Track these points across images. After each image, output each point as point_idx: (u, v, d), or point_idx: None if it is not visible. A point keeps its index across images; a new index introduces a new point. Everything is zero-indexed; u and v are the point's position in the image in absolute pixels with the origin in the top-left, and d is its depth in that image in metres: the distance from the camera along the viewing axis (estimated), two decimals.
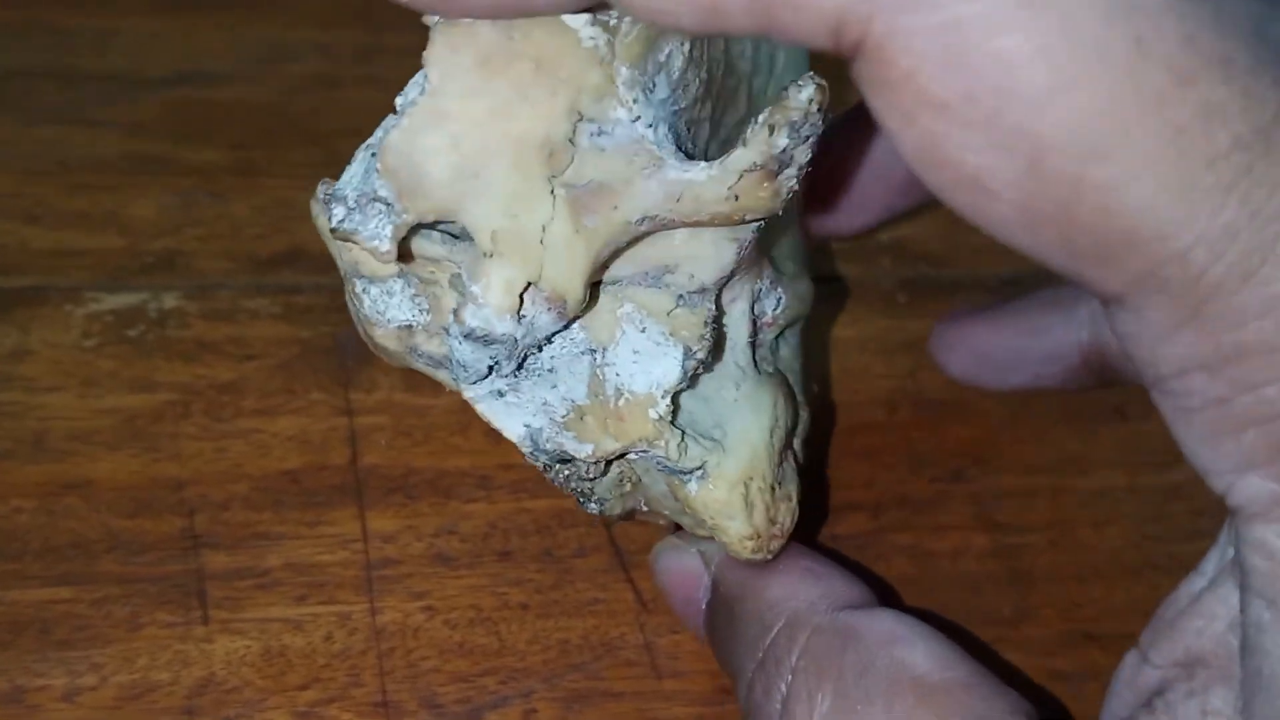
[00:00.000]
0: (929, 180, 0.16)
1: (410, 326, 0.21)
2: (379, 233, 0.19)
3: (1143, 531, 0.28)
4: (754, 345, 0.23)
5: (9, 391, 0.26)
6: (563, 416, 0.21)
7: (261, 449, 0.27)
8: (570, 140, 0.18)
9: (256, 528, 0.25)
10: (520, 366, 0.21)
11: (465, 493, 0.26)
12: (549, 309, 0.20)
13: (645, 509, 0.24)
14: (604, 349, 0.21)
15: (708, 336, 0.21)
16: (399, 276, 0.20)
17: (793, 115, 0.19)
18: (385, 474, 0.27)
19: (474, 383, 0.21)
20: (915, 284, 0.32)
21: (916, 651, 0.19)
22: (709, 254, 0.21)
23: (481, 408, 0.21)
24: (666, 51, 0.19)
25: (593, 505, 0.23)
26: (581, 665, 0.24)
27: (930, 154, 0.15)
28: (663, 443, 0.21)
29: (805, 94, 0.19)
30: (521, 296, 0.19)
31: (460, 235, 0.20)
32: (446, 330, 0.20)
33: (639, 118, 0.18)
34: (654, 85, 0.19)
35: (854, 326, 0.31)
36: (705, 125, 0.21)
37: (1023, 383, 0.29)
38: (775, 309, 0.24)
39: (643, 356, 0.21)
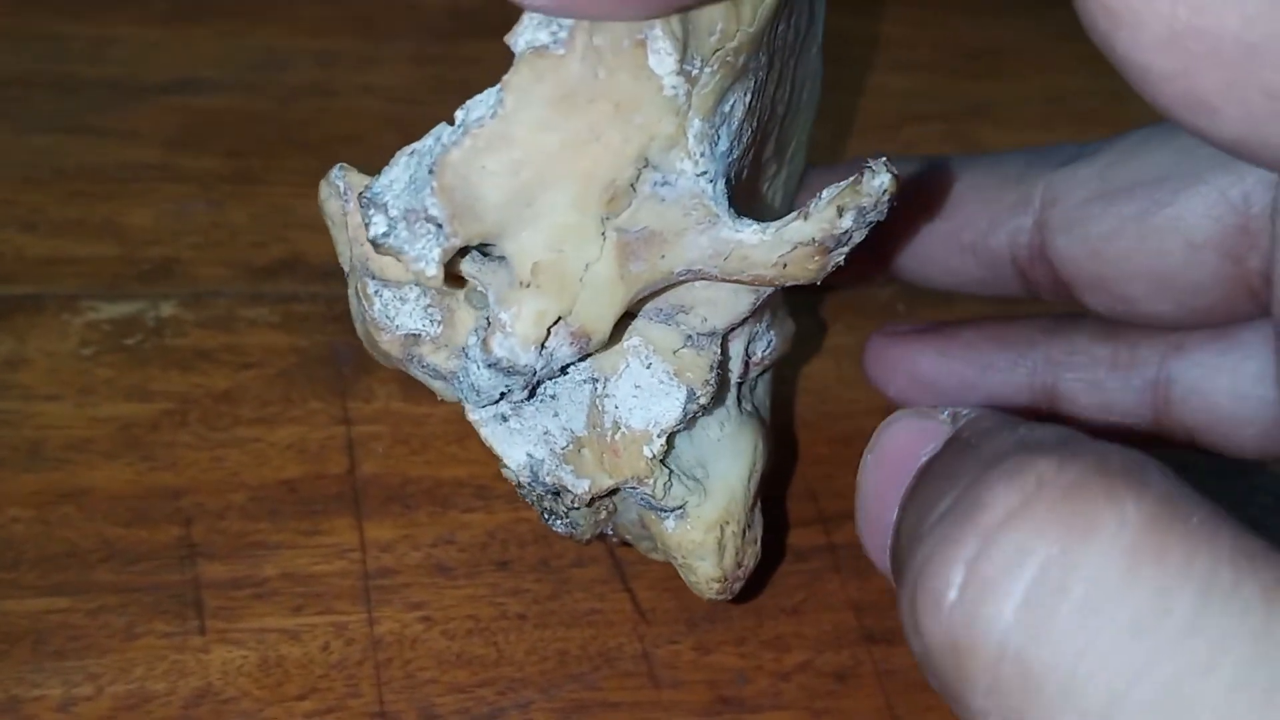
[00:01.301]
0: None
1: (418, 336, 0.20)
2: (426, 254, 0.18)
3: None
4: (739, 385, 0.23)
5: (5, 400, 0.26)
6: (563, 448, 0.21)
7: (258, 458, 0.26)
8: (632, 186, 0.18)
9: (253, 537, 0.25)
10: (531, 395, 0.21)
11: (463, 502, 0.26)
12: (572, 343, 0.19)
13: (610, 532, 0.24)
14: (606, 379, 0.21)
15: (712, 381, 0.21)
16: (415, 284, 0.20)
17: (863, 201, 0.18)
18: (383, 483, 0.26)
19: (482, 406, 0.21)
20: (913, 292, 0.32)
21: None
22: (726, 300, 0.21)
23: (484, 431, 0.21)
24: (731, 102, 0.19)
25: (560, 525, 0.22)
26: (579, 676, 0.24)
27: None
28: (651, 481, 0.21)
29: (879, 182, 0.18)
30: (549, 329, 0.19)
31: (491, 255, 0.19)
32: (465, 351, 0.20)
33: (704, 172, 0.18)
34: (718, 138, 0.18)
35: (851, 334, 0.31)
36: (746, 168, 0.20)
37: None
38: (765, 350, 0.23)
39: (644, 392, 0.21)
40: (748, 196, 0.22)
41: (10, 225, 0.30)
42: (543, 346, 0.19)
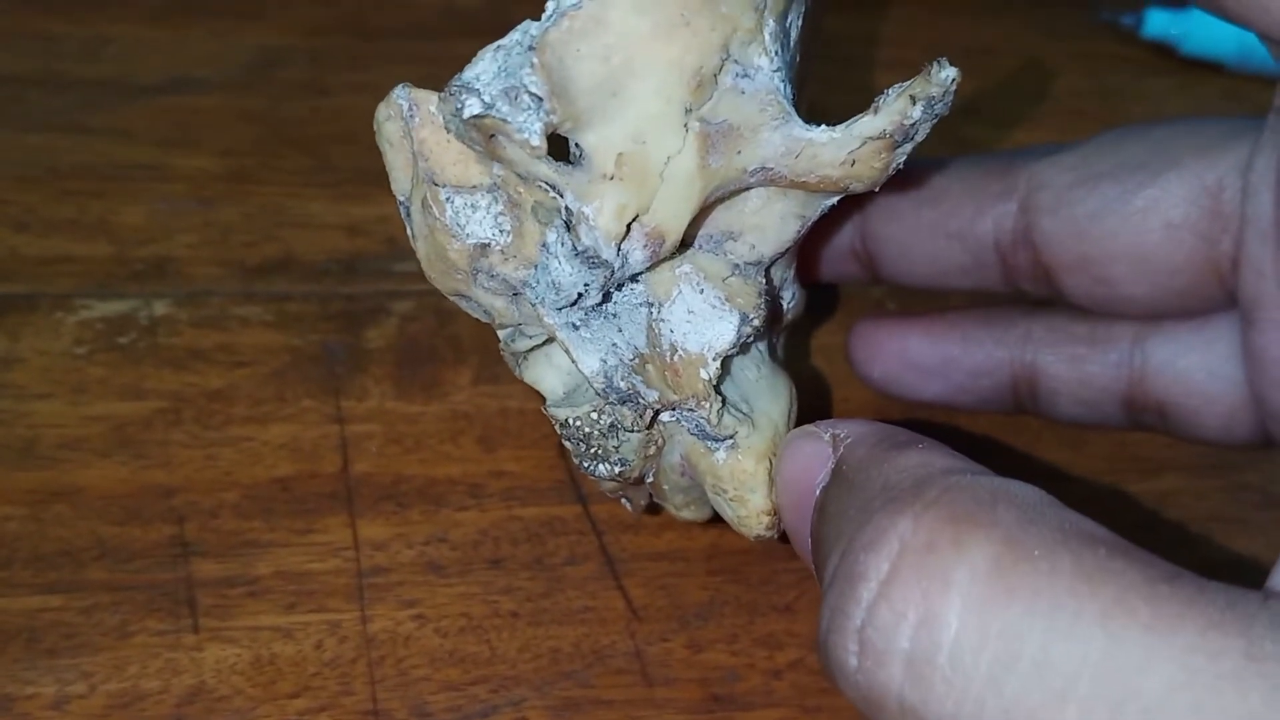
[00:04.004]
0: None
1: (487, 245, 0.20)
2: (529, 127, 0.18)
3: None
4: (769, 336, 0.24)
5: None
6: (630, 360, 0.22)
7: (252, 456, 0.26)
8: (715, 76, 0.19)
9: (247, 535, 0.25)
10: (604, 301, 0.21)
11: (456, 501, 0.26)
12: (645, 245, 0.20)
13: (649, 479, 0.24)
14: (660, 304, 0.21)
15: (763, 306, 0.22)
16: (488, 191, 0.20)
17: (933, 90, 0.19)
18: (376, 482, 0.27)
19: (559, 309, 0.21)
20: (904, 291, 0.32)
21: (1084, 517, 0.17)
22: (774, 227, 0.21)
23: (561, 336, 0.21)
24: (790, 19, 0.19)
25: (604, 468, 0.22)
26: (572, 673, 0.24)
27: None
28: (708, 404, 0.21)
29: (947, 73, 0.19)
30: (628, 227, 0.19)
31: (567, 160, 0.20)
32: (545, 247, 0.20)
33: (778, 69, 0.19)
34: (787, 42, 0.19)
35: (841, 333, 0.31)
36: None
37: (941, 393, 0.28)
38: (790, 302, 0.24)
39: (697, 317, 0.21)
40: None
41: (4, 224, 0.30)
42: (619, 248, 0.20)
